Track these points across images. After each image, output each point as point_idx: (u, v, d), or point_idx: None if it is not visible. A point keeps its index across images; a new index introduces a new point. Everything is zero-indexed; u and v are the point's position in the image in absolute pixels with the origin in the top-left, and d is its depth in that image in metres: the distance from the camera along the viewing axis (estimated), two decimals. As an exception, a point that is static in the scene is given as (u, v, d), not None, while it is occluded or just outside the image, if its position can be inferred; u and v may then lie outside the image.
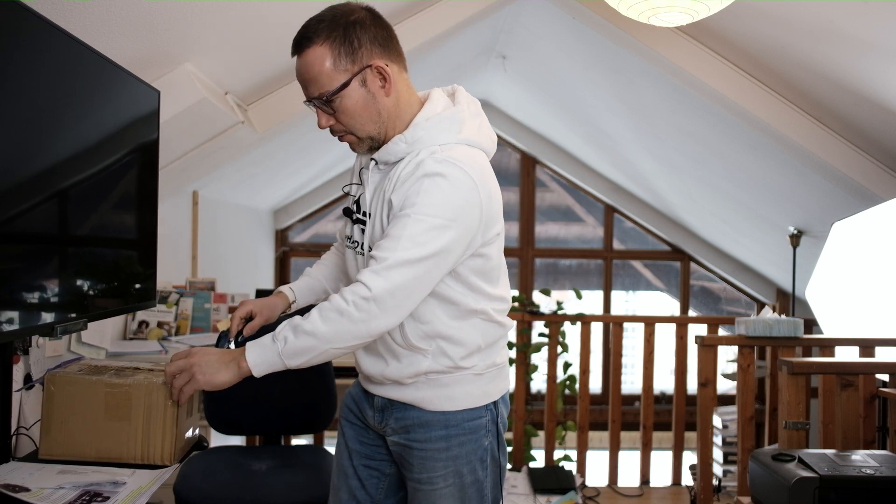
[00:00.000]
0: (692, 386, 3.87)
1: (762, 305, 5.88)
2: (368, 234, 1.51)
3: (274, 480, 2.33)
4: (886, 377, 2.71)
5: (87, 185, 1.76)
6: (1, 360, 1.62)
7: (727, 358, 4.89)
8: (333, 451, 1.74)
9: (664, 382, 5.28)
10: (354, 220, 1.56)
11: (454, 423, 1.53)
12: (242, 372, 1.43)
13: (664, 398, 5.87)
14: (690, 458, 3.95)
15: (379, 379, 1.56)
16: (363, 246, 1.52)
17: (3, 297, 1.46)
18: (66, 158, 1.67)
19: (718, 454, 3.86)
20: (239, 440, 3.26)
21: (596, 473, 4.20)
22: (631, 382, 6.02)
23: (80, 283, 1.80)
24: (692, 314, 6.16)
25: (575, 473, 3.91)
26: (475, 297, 1.51)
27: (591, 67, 3.96)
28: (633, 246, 6.26)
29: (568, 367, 4.17)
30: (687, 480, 4.05)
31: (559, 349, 4.10)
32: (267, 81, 3.08)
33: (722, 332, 4.26)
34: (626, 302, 6.56)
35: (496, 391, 1.58)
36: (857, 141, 3.32)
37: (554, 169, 6.07)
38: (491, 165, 1.53)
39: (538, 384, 4.86)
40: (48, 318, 1.63)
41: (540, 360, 4.21)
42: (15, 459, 1.63)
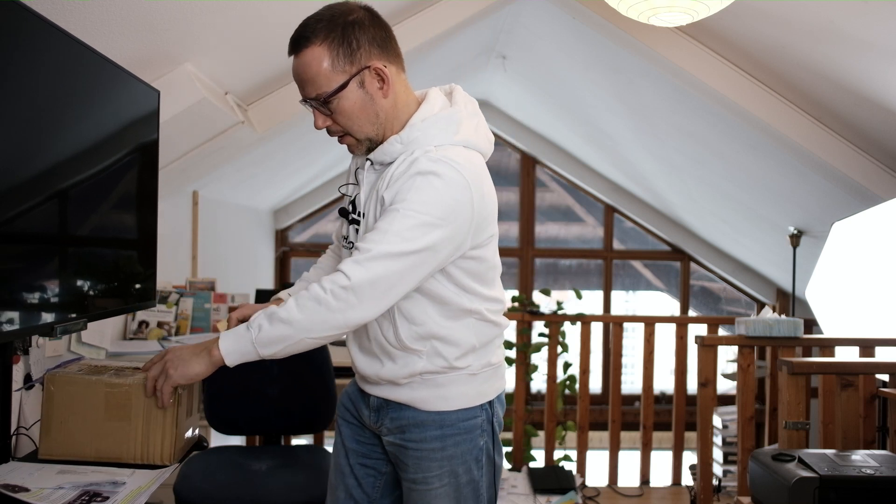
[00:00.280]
0: (692, 386, 3.87)
1: (762, 305, 5.87)
2: (363, 233, 1.50)
3: (274, 480, 2.33)
4: (886, 377, 2.71)
5: (87, 185, 1.76)
6: (1, 360, 1.62)
7: (727, 358, 4.89)
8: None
9: (664, 382, 5.28)
10: (350, 220, 1.56)
11: (449, 423, 1.52)
12: (214, 361, 1.41)
13: (664, 398, 5.87)
14: (690, 458, 3.95)
15: (375, 379, 1.55)
16: None
17: (3, 297, 1.45)
18: (66, 158, 1.67)
19: (718, 454, 3.85)
20: (239, 440, 3.26)
21: (596, 473, 4.20)
22: (631, 382, 6.01)
23: (80, 283, 1.80)
24: (692, 314, 6.16)
25: (575, 473, 3.91)
26: (469, 297, 1.50)
27: (591, 67, 3.96)
28: (633, 246, 6.26)
29: (568, 367, 4.18)
30: (687, 480, 4.05)
31: (559, 349, 4.09)
32: (267, 81, 3.08)
33: (722, 332, 4.26)
34: (626, 302, 6.56)
35: (492, 391, 1.58)
36: (857, 141, 3.31)
37: (554, 169, 6.07)
38: (490, 166, 1.53)
39: (538, 384, 4.86)
40: (48, 318, 1.63)
41: (540, 360, 4.21)
42: (14, 459, 1.62)
